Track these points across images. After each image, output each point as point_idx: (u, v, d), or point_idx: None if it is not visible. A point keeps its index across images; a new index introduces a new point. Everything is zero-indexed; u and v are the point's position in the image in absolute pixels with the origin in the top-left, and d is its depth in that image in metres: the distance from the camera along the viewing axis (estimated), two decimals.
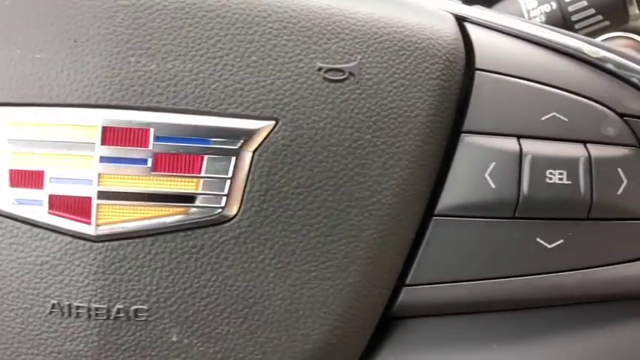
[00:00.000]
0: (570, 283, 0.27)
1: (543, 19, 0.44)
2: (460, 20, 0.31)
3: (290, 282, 0.26)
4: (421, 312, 0.28)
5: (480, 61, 0.29)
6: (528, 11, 0.45)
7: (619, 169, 0.27)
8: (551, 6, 0.44)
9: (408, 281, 0.28)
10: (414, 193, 0.27)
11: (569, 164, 0.27)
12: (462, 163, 0.28)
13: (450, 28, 0.29)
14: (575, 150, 0.27)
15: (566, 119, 0.28)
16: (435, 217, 0.28)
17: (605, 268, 0.27)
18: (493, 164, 0.27)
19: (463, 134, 0.28)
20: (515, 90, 0.28)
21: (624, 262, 0.27)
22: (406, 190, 0.27)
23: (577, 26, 0.44)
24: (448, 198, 0.28)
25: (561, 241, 0.27)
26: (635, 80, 0.28)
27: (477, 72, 0.29)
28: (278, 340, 0.26)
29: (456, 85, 0.28)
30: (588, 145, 0.27)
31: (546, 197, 0.27)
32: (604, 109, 0.28)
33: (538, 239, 0.27)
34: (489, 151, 0.27)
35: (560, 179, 0.27)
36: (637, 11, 0.43)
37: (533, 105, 0.28)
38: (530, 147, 0.27)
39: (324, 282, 0.26)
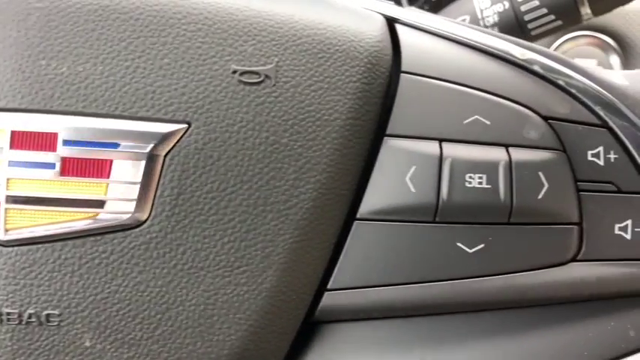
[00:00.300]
0: (492, 288, 0.27)
1: (496, 18, 0.44)
2: (391, 22, 0.30)
3: (203, 287, 0.26)
4: (344, 316, 0.28)
5: (406, 64, 0.28)
6: (482, 10, 0.44)
7: (540, 173, 0.27)
8: (504, 5, 0.43)
9: (329, 285, 0.27)
10: (333, 197, 0.27)
11: (488, 168, 0.27)
12: (384, 166, 0.27)
13: (375, 30, 0.28)
14: (495, 153, 0.27)
15: (488, 122, 0.27)
16: (356, 221, 0.27)
17: (527, 273, 0.27)
18: (413, 168, 0.27)
19: (386, 137, 0.28)
20: (440, 93, 0.28)
21: (546, 268, 0.27)
22: (324, 194, 0.26)
23: (530, 26, 0.44)
24: (370, 202, 0.27)
25: (482, 245, 0.27)
26: (561, 83, 0.28)
27: (403, 75, 0.28)
28: (193, 346, 0.26)
29: (379, 88, 0.27)
30: (510, 149, 0.27)
31: (466, 201, 0.27)
32: (527, 111, 0.27)
33: (459, 244, 0.27)
34: (410, 155, 0.27)
35: (480, 183, 0.26)
36: (588, 11, 0.43)
37: (456, 108, 0.28)
38: (451, 151, 0.27)
39: (238, 287, 0.26)
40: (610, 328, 0.27)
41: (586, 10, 0.42)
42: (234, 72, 0.26)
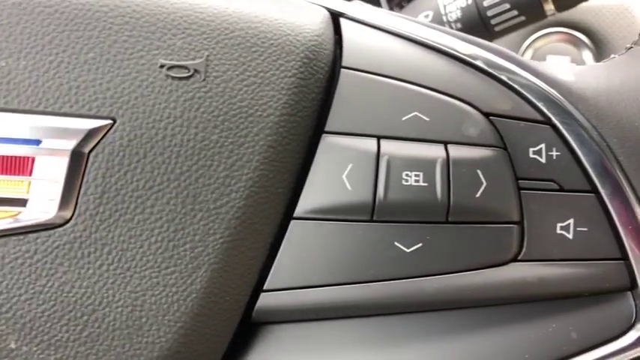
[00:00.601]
0: (430, 288, 0.26)
1: (459, 14, 0.43)
2: (336, 16, 0.30)
3: (130, 288, 0.25)
4: (281, 318, 0.27)
5: (347, 59, 0.28)
6: (444, 6, 0.44)
7: (478, 171, 0.26)
8: (467, 1, 0.43)
9: (265, 286, 0.27)
10: (267, 196, 0.26)
11: (426, 166, 0.26)
12: (322, 164, 0.27)
13: (315, 24, 0.28)
14: (433, 151, 0.26)
15: (427, 119, 0.27)
16: (293, 220, 0.27)
17: (467, 273, 0.26)
18: (350, 166, 0.26)
19: (325, 134, 0.27)
20: (380, 89, 0.27)
21: (486, 268, 0.26)
22: (257, 192, 0.26)
23: (493, 21, 0.43)
24: (307, 200, 0.27)
25: (420, 245, 0.26)
26: (504, 78, 0.27)
27: (343, 70, 0.28)
28: (121, 348, 0.25)
29: (317, 84, 0.27)
30: (449, 146, 0.26)
31: (402, 199, 0.26)
32: (467, 108, 0.27)
33: (396, 243, 0.26)
34: (348, 152, 0.26)
35: (417, 181, 0.26)
36: (552, 7, 0.42)
37: (395, 104, 0.27)
38: (389, 148, 0.26)
39: (167, 289, 0.25)
40: (552, 330, 0.27)
41: (549, 6, 0.42)
42: (162, 66, 0.25)
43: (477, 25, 0.43)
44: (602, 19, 0.58)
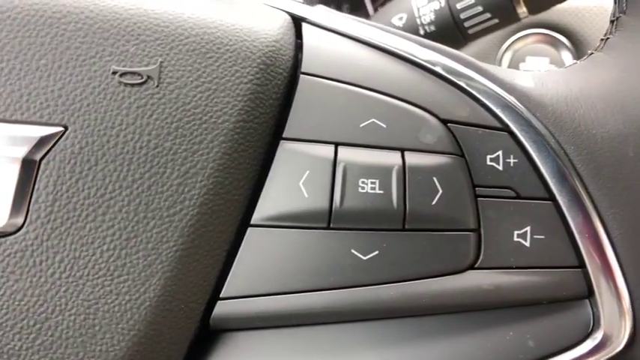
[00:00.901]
0: (386, 296, 0.26)
1: (433, 17, 0.43)
2: (298, 21, 0.30)
3: (83, 297, 0.25)
4: (238, 325, 0.27)
5: (306, 65, 0.28)
6: (418, 9, 0.43)
7: (434, 178, 0.26)
8: (440, 4, 0.43)
9: (222, 294, 0.27)
10: (222, 203, 0.26)
11: (382, 173, 0.26)
12: (279, 171, 0.27)
13: (274, 30, 0.28)
14: (390, 158, 0.26)
15: (384, 126, 0.26)
16: (250, 227, 0.26)
17: (423, 281, 0.26)
18: (307, 173, 0.26)
19: (282, 141, 0.27)
20: (338, 95, 0.27)
21: (443, 275, 0.26)
22: (212, 199, 0.25)
23: (466, 24, 0.43)
24: (264, 207, 0.26)
25: (376, 252, 0.26)
26: (462, 84, 0.27)
27: (302, 76, 0.27)
28: (75, 357, 0.25)
29: (274, 90, 0.27)
30: (405, 153, 0.26)
31: (359, 207, 0.26)
32: (424, 114, 0.27)
33: (353, 250, 0.26)
34: (305, 159, 0.26)
35: (373, 188, 0.26)
36: (524, 9, 0.42)
37: (353, 111, 0.27)
38: (346, 155, 0.26)
39: (120, 297, 0.25)
40: (509, 338, 0.26)
41: (522, 9, 0.41)
42: (115, 73, 0.25)
43: (450, 27, 0.42)
44: (581, 20, 0.58)
